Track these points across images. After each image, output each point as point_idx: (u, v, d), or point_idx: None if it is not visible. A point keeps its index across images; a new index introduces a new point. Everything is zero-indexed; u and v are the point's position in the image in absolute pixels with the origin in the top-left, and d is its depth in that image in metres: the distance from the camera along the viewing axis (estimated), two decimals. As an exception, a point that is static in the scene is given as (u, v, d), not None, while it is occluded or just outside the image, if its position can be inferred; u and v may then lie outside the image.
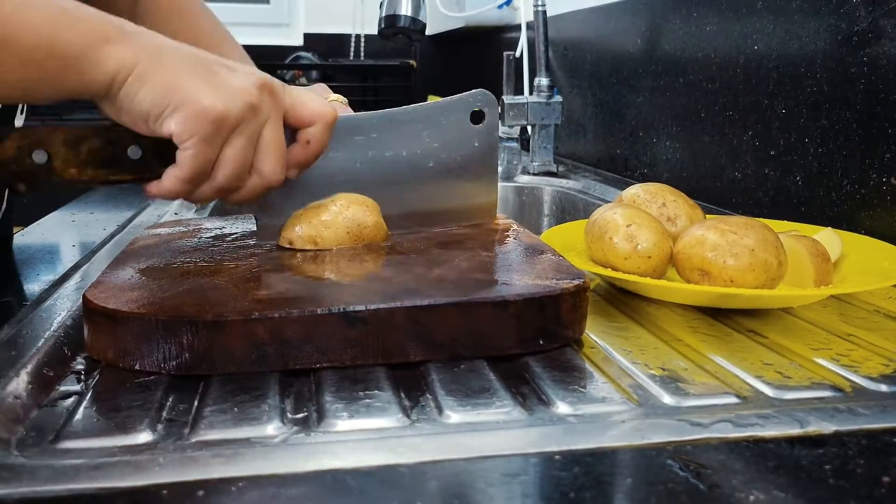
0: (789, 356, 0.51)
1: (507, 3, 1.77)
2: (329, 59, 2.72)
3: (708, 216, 0.68)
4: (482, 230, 0.67)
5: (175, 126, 0.48)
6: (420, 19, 1.49)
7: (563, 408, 0.43)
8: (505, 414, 0.43)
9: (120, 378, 0.47)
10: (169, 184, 0.51)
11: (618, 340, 0.54)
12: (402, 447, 0.39)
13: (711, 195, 1.04)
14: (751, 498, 0.34)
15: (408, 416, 0.42)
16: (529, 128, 1.34)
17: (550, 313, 0.51)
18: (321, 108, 0.55)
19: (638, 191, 0.72)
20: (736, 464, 0.37)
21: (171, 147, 0.50)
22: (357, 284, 0.53)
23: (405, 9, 1.47)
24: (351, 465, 0.37)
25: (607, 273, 0.62)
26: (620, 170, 1.32)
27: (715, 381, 0.47)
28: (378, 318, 0.49)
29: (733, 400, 0.44)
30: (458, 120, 0.66)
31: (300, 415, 0.43)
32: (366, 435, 0.41)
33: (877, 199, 0.76)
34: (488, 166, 0.68)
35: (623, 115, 1.30)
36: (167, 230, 0.69)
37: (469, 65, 2.27)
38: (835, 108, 0.81)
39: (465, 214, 0.68)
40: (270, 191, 0.55)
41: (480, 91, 0.67)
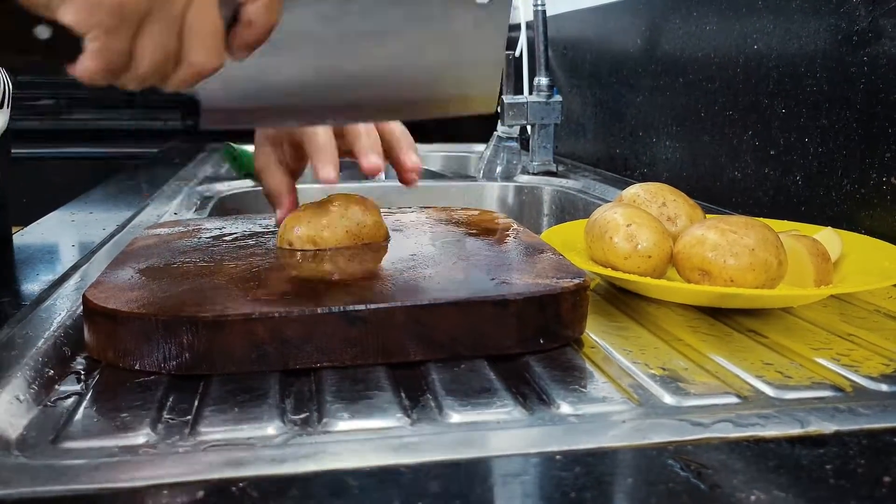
0: (790, 356, 0.51)
1: (507, 2, 1.76)
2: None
3: (708, 216, 0.68)
4: (482, 229, 0.67)
5: (69, 17, 0.41)
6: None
7: (563, 407, 0.43)
8: (505, 414, 0.43)
9: (120, 378, 0.47)
10: (82, 73, 0.44)
11: (618, 340, 0.54)
12: (402, 447, 0.39)
13: (711, 195, 1.04)
14: (752, 498, 0.34)
15: (408, 416, 0.42)
16: (529, 127, 1.34)
17: (551, 312, 0.51)
18: None
19: (638, 190, 0.72)
20: (737, 464, 0.37)
21: None
22: (357, 284, 0.53)
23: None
24: (351, 465, 0.37)
25: (607, 273, 0.62)
26: (620, 169, 1.32)
27: (715, 380, 0.47)
28: (378, 318, 0.49)
29: (734, 400, 0.44)
30: None
31: (300, 415, 0.43)
32: (366, 435, 0.41)
33: (877, 198, 0.76)
34: (491, 51, 0.57)
35: (623, 115, 1.30)
36: (167, 230, 0.69)
37: (468, 64, 2.27)
38: (835, 108, 0.81)
39: (457, 103, 0.59)
40: (209, 76, 0.47)
41: None
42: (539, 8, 1.29)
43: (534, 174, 1.32)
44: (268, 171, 0.67)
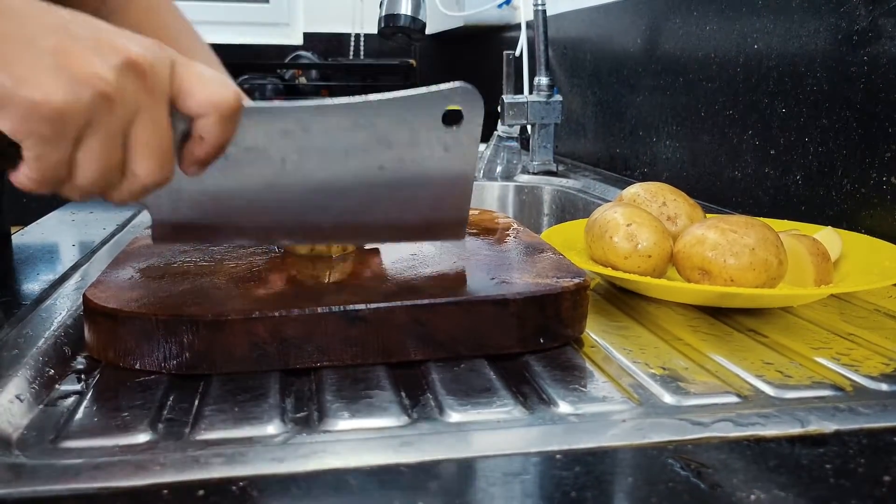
0: (790, 355, 0.51)
1: (507, 2, 1.76)
2: (329, 58, 2.72)
3: (708, 215, 0.68)
4: (482, 229, 0.67)
5: (4, 124, 0.39)
6: (420, 18, 1.49)
7: (563, 407, 0.43)
8: (505, 413, 0.43)
9: (120, 377, 0.47)
10: (22, 181, 0.42)
11: (618, 339, 0.54)
12: (402, 446, 0.39)
13: (711, 194, 1.04)
14: (752, 497, 0.34)
15: (408, 416, 0.42)
16: (529, 127, 1.34)
17: (551, 312, 0.51)
18: (216, 95, 0.43)
19: (638, 190, 0.72)
20: (737, 463, 0.37)
21: None
22: (357, 283, 0.53)
23: (405, 8, 1.48)
24: (352, 464, 0.37)
25: (607, 272, 0.62)
26: (620, 169, 1.32)
27: (715, 380, 0.47)
28: (378, 317, 0.49)
29: (734, 399, 0.44)
30: (428, 118, 0.50)
31: (301, 414, 0.43)
32: (366, 434, 0.41)
33: (877, 198, 0.76)
34: (460, 178, 0.52)
35: (623, 115, 1.30)
36: (167, 229, 0.68)
37: (469, 64, 2.27)
38: (835, 108, 0.81)
39: (424, 232, 0.55)
40: (153, 191, 0.45)
41: (459, 86, 0.49)
42: (539, 7, 1.29)
43: (534, 174, 1.32)
44: None
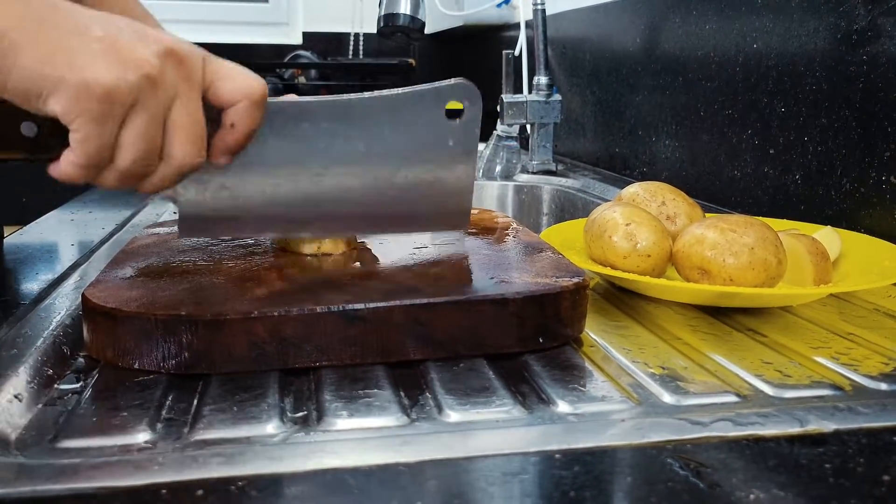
0: (789, 355, 0.51)
1: (506, 1, 1.76)
2: (328, 57, 2.72)
3: (707, 215, 0.68)
4: (482, 228, 0.67)
5: (57, 106, 0.41)
6: (419, 18, 1.49)
7: (562, 406, 0.43)
8: (505, 413, 0.43)
9: (119, 377, 0.47)
10: (66, 168, 0.44)
11: (617, 339, 0.54)
12: (401, 446, 0.39)
13: (711, 194, 1.04)
14: (751, 496, 0.34)
15: (407, 415, 0.42)
16: (528, 126, 1.34)
17: (550, 311, 0.51)
18: (246, 84, 0.47)
19: (637, 189, 0.72)
20: (736, 462, 0.37)
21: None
22: (356, 283, 0.53)
23: (404, 7, 1.47)
24: (351, 463, 0.37)
25: (607, 272, 0.62)
26: (620, 168, 1.32)
27: (715, 379, 0.47)
28: (377, 317, 0.49)
29: (733, 398, 0.44)
30: (430, 113, 0.55)
31: (300, 414, 0.43)
32: (365, 434, 0.41)
33: (876, 197, 0.76)
34: (463, 169, 0.57)
35: (622, 114, 1.30)
36: (166, 229, 0.68)
37: (468, 63, 2.27)
38: (834, 107, 0.81)
39: (430, 222, 0.59)
40: (187, 177, 0.48)
41: (461, 81, 0.55)
42: (538, 7, 1.28)
43: (533, 173, 1.32)
44: None
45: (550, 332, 0.51)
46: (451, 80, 0.55)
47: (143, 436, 0.40)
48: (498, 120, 1.34)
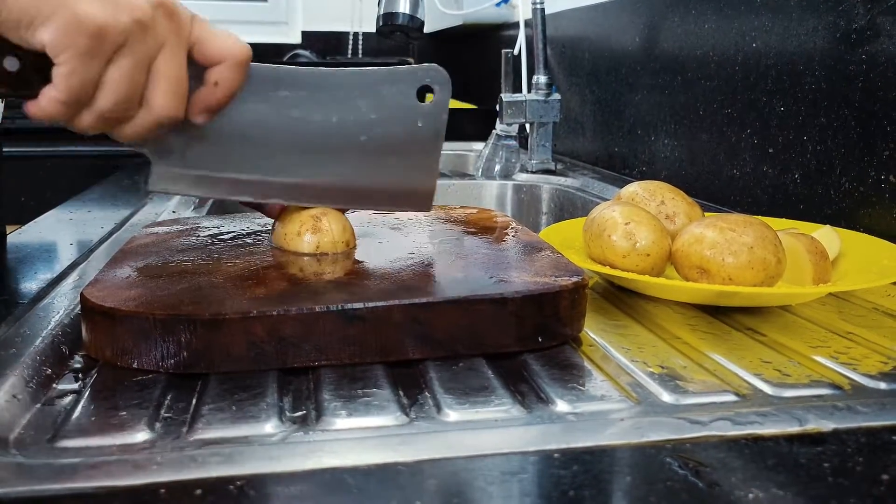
0: (788, 354, 0.51)
1: (505, 0, 1.76)
2: (327, 56, 2.72)
3: (706, 214, 0.68)
4: (481, 228, 0.67)
5: (47, 36, 0.42)
6: (418, 17, 1.49)
7: (561, 406, 0.43)
8: (504, 412, 0.43)
9: (118, 376, 0.47)
10: (46, 104, 0.45)
11: (616, 338, 0.54)
12: (400, 445, 0.39)
13: (710, 193, 1.04)
14: (750, 496, 0.34)
15: (406, 415, 0.42)
16: (528, 126, 1.33)
17: (549, 311, 0.51)
18: (232, 45, 0.49)
19: (636, 188, 0.72)
20: (735, 462, 0.37)
21: (51, 62, 0.44)
22: (355, 282, 0.53)
23: (403, 6, 1.47)
24: (349, 463, 0.37)
25: (606, 271, 0.62)
26: (619, 168, 1.32)
27: (714, 378, 0.47)
28: (376, 316, 0.49)
29: (732, 398, 0.44)
30: (402, 93, 0.58)
31: (298, 413, 0.43)
32: (364, 433, 0.41)
33: (875, 196, 0.76)
34: (430, 150, 0.60)
35: (621, 113, 1.30)
36: (165, 228, 0.68)
37: (467, 63, 2.27)
38: (833, 106, 0.81)
39: (395, 199, 0.61)
40: (164, 128, 0.49)
41: (432, 66, 0.59)
42: (537, 6, 1.28)
43: (532, 172, 1.32)
44: None
45: (549, 331, 0.51)
46: (424, 64, 0.59)
47: (141, 435, 0.40)
48: (497, 119, 1.34)
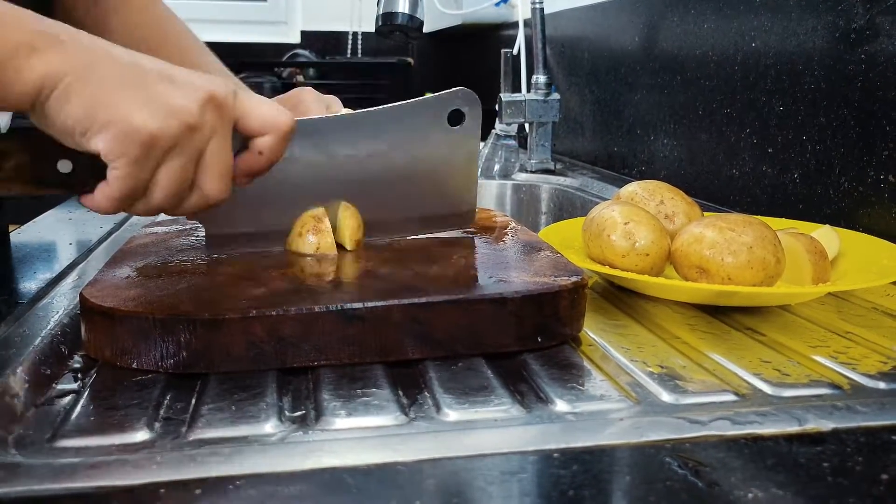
0: (787, 354, 0.51)
1: (505, 0, 1.76)
2: (326, 56, 2.72)
3: (706, 214, 0.68)
4: (480, 228, 0.67)
5: (102, 145, 0.45)
6: (417, 17, 1.48)
7: (561, 405, 0.43)
8: (503, 412, 0.43)
9: (117, 376, 0.47)
10: (101, 200, 0.48)
11: (616, 338, 0.54)
12: (400, 445, 0.39)
13: (709, 193, 1.04)
14: (749, 495, 0.34)
15: (406, 415, 0.42)
16: (527, 125, 1.33)
17: (549, 310, 0.51)
18: (275, 118, 0.50)
19: (636, 188, 0.72)
20: (734, 461, 0.37)
21: (103, 161, 0.47)
22: (355, 282, 0.53)
23: (402, 6, 1.47)
24: (349, 463, 0.37)
25: (605, 270, 0.62)
26: (618, 167, 1.32)
27: (713, 378, 0.47)
28: (376, 316, 0.49)
29: (732, 397, 0.44)
30: (434, 120, 0.61)
31: (298, 413, 0.43)
32: (364, 433, 0.41)
33: (874, 196, 0.76)
34: (467, 172, 0.63)
35: (621, 113, 1.30)
36: (164, 228, 0.68)
37: (467, 62, 2.27)
38: (832, 106, 0.81)
39: (439, 223, 0.64)
40: (214, 207, 0.51)
41: (461, 89, 0.61)
42: (537, 6, 1.28)
43: (532, 172, 1.32)
44: None
45: (549, 331, 0.51)
46: (453, 89, 0.61)
47: (141, 435, 0.40)
48: (496, 119, 1.34)
